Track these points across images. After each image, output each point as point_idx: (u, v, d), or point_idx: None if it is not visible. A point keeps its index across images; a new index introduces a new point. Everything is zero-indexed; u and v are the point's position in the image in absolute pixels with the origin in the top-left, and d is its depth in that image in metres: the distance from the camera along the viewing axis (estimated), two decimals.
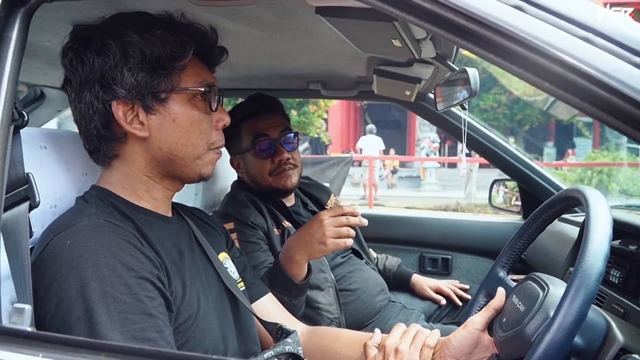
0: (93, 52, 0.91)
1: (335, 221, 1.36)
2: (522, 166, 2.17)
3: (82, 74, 0.92)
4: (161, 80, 0.94)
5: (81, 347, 0.54)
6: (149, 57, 0.91)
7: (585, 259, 0.75)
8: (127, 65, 0.90)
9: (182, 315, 0.92)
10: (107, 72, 0.91)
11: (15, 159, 0.81)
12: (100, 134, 0.94)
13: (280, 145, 1.73)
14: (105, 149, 0.97)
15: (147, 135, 0.95)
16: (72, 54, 0.93)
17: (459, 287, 2.10)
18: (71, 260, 0.81)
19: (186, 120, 0.97)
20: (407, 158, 18.39)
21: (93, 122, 0.94)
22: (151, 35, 0.92)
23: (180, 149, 0.97)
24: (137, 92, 0.92)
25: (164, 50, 0.92)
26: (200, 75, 0.99)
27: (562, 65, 0.63)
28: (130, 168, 0.98)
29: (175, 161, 0.98)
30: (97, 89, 0.92)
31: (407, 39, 1.00)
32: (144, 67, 0.91)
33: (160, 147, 0.96)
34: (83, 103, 0.93)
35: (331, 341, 1.21)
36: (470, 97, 1.24)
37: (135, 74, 0.91)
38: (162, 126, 0.95)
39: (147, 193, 1.00)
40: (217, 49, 1.05)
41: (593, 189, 0.88)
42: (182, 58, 0.95)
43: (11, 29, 0.79)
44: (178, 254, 0.99)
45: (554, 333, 0.73)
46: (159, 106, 0.95)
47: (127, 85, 0.91)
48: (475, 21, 0.66)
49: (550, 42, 0.64)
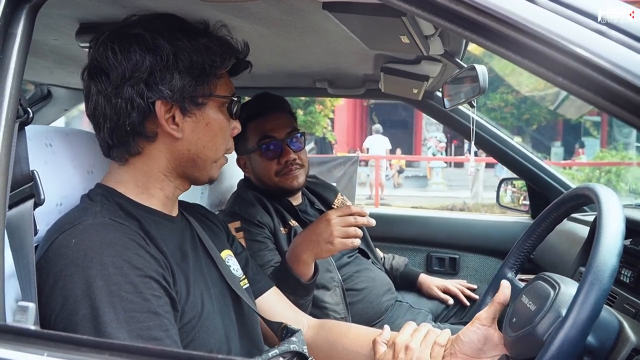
0: (144, 50, 0.92)
1: (342, 221, 1.35)
2: (530, 165, 2.15)
3: (127, 69, 0.91)
4: (202, 86, 0.97)
5: (85, 346, 0.53)
6: (196, 64, 0.95)
7: (599, 255, 0.74)
8: (178, 68, 0.93)
9: (186, 315, 0.92)
10: (157, 71, 0.92)
11: (20, 156, 0.81)
12: (135, 130, 0.95)
13: (287, 146, 1.72)
14: (133, 145, 0.96)
15: (181, 137, 0.97)
16: (118, 48, 0.92)
17: (466, 286, 2.09)
18: (76, 259, 0.80)
19: (217, 125, 1.02)
20: (413, 157, 18.35)
21: (130, 117, 0.93)
22: (198, 42, 0.95)
23: (206, 152, 1.01)
24: (180, 95, 0.94)
25: (209, 59, 0.96)
26: (229, 85, 1.05)
27: (576, 58, 0.61)
28: (150, 166, 0.99)
29: (197, 162, 1.01)
30: (142, 86, 0.92)
31: (415, 35, 0.99)
32: (191, 72, 0.95)
33: (189, 149, 0.99)
34: (121, 98, 0.92)
35: (339, 336, 1.20)
36: (479, 94, 1.23)
37: (183, 78, 0.94)
38: (195, 129, 0.99)
39: (160, 191, 1.01)
40: (244, 63, 1.09)
41: (604, 186, 0.87)
42: (222, 67, 1.00)
43: (16, 26, 0.79)
44: (181, 255, 0.98)
45: (567, 330, 0.72)
46: (195, 110, 0.98)
47: (174, 87, 0.93)
48: (486, 14, 0.65)
49: (563, 34, 0.62)
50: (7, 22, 0.78)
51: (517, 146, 2.18)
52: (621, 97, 0.61)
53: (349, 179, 7.13)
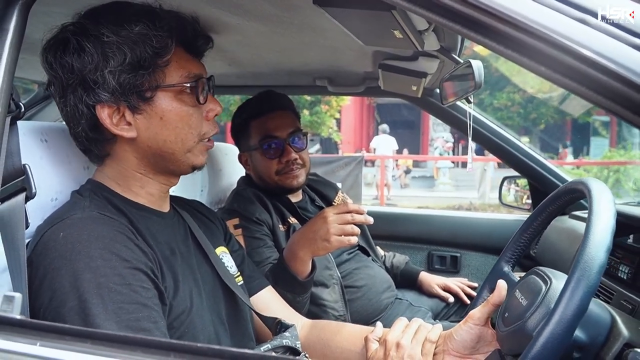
0: (71, 55, 0.87)
1: (339, 218, 1.35)
2: (532, 163, 2.14)
3: (62, 77, 0.89)
4: (145, 79, 0.90)
5: (69, 335, 0.54)
6: (130, 58, 0.87)
7: (587, 250, 0.73)
8: (108, 67, 0.87)
9: (174, 311, 0.92)
10: (88, 75, 0.87)
11: (12, 151, 0.81)
12: (89, 136, 0.93)
13: (288, 145, 1.72)
14: (96, 150, 0.96)
15: (135, 136, 0.93)
16: (51, 57, 0.90)
17: (467, 284, 2.08)
18: (64, 252, 0.81)
19: (174, 116, 0.94)
20: (419, 157, 18.30)
21: (80, 125, 0.92)
22: (130, 32, 0.87)
23: (170, 145, 0.95)
24: (121, 94, 0.89)
25: (145, 49, 0.88)
26: (186, 67, 0.95)
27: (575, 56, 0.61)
28: (122, 166, 0.97)
29: (165, 157, 0.96)
30: (80, 92, 0.89)
31: (407, 30, 0.98)
32: (125, 68, 0.88)
33: (149, 146, 0.95)
34: (68, 106, 0.91)
35: (332, 334, 1.20)
36: (475, 89, 1.22)
37: (117, 76, 0.88)
38: (150, 125, 0.93)
39: (142, 189, 0.99)
40: (201, 39, 1.01)
41: (597, 181, 0.86)
42: (164, 54, 0.91)
43: (9, 21, 0.79)
44: (170, 250, 0.98)
45: (553, 326, 0.72)
46: (145, 105, 0.92)
47: (109, 88, 0.88)
48: (473, 6, 0.65)
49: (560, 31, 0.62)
50: None
51: (519, 144, 2.16)
52: (622, 95, 0.61)
53: (355, 179, 7.13)
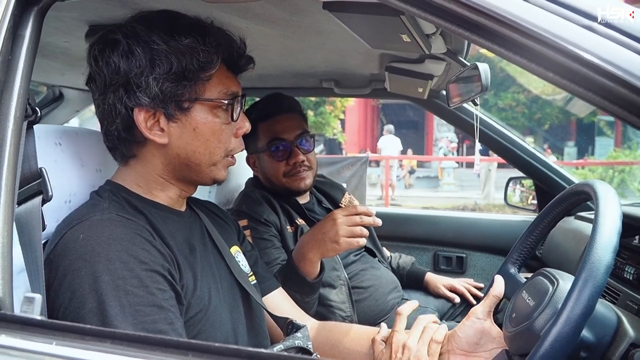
0: (119, 56, 0.90)
1: (348, 220, 1.35)
2: (538, 164, 2.14)
3: (107, 76, 0.91)
4: (185, 90, 0.93)
5: (89, 335, 0.55)
6: (176, 68, 0.90)
7: (594, 251, 0.74)
8: (153, 74, 0.90)
9: (193, 309, 0.93)
10: (133, 78, 0.90)
11: (29, 154, 0.83)
12: (121, 135, 0.95)
13: (296, 148, 1.73)
14: (124, 150, 0.98)
15: (167, 142, 0.95)
16: (98, 54, 0.92)
17: (473, 285, 2.08)
18: (84, 253, 0.82)
19: (207, 130, 0.97)
20: (424, 158, 18.28)
21: (115, 124, 0.94)
22: (179, 43, 0.90)
23: (198, 156, 0.98)
24: (161, 101, 0.92)
25: (191, 62, 0.91)
26: (225, 84, 0.98)
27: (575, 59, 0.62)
28: (146, 169, 0.99)
29: (191, 167, 0.99)
30: (121, 93, 0.91)
31: (415, 34, 1.00)
32: (169, 77, 0.91)
33: (178, 154, 0.97)
34: (106, 104, 0.94)
35: (340, 336, 1.21)
36: (481, 92, 1.23)
37: (160, 84, 0.90)
38: (182, 134, 0.96)
39: (162, 192, 1.02)
40: (244, 59, 1.04)
41: (603, 183, 0.87)
42: (208, 69, 0.94)
43: (25, 27, 0.81)
44: (189, 248, 0.99)
45: (561, 326, 0.73)
46: (181, 115, 0.94)
47: (151, 93, 0.90)
48: (481, 13, 0.66)
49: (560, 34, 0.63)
50: (16, 24, 0.80)
51: (525, 145, 2.17)
52: (622, 98, 0.62)
53: (359, 179, 7.13)
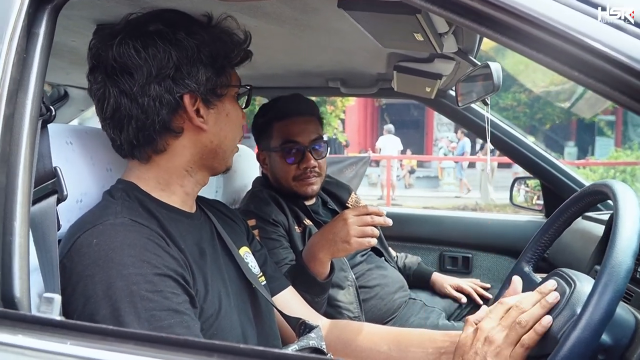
0: (168, 45, 0.92)
1: (359, 220, 1.35)
2: (544, 164, 2.14)
3: (152, 66, 0.91)
4: (221, 78, 1.00)
5: (109, 336, 0.55)
6: (216, 55, 0.97)
7: (614, 255, 0.73)
8: (202, 61, 0.95)
9: (204, 314, 0.93)
10: (184, 66, 0.93)
11: (43, 153, 0.82)
12: (164, 127, 0.95)
13: (309, 152, 1.72)
14: (159, 142, 0.97)
15: (207, 129, 0.99)
16: (141, 45, 0.91)
17: (480, 285, 2.08)
18: (97, 259, 0.81)
19: (235, 116, 1.05)
20: (424, 157, 18.28)
21: (159, 115, 0.94)
22: (213, 34, 0.97)
23: (227, 142, 1.05)
24: (204, 87, 0.96)
25: (224, 50, 0.99)
26: (237, 75, 1.06)
27: (591, 52, 0.62)
28: (173, 163, 1.00)
29: (218, 153, 1.04)
30: (169, 82, 0.93)
31: (429, 33, 0.99)
32: (212, 64, 0.97)
33: (212, 140, 1.01)
34: (148, 96, 0.92)
35: (353, 334, 1.20)
36: (493, 92, 1.23)
37: (207, 70, 0.96)
38: (218, 120, 1.01)
39: (181, 188, 1.02)
40: (246, 52, 1.08)
41: (622, 183, 0.86)
42: (236, 57, 1.02)
43: (39, 25, 0.80)
44: (199, 252, 0.99)
45: (580, 330, 0.72)
46: (217, 101, 1.00)
47: (200, 80, 0.95)
48: (499, 8, 0.65)
49: (578, 27, 0.62)
50: (30, 22, 0.79)
51: (531, 145, 2.17)
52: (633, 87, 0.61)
53: (360, 180, 7.13)
